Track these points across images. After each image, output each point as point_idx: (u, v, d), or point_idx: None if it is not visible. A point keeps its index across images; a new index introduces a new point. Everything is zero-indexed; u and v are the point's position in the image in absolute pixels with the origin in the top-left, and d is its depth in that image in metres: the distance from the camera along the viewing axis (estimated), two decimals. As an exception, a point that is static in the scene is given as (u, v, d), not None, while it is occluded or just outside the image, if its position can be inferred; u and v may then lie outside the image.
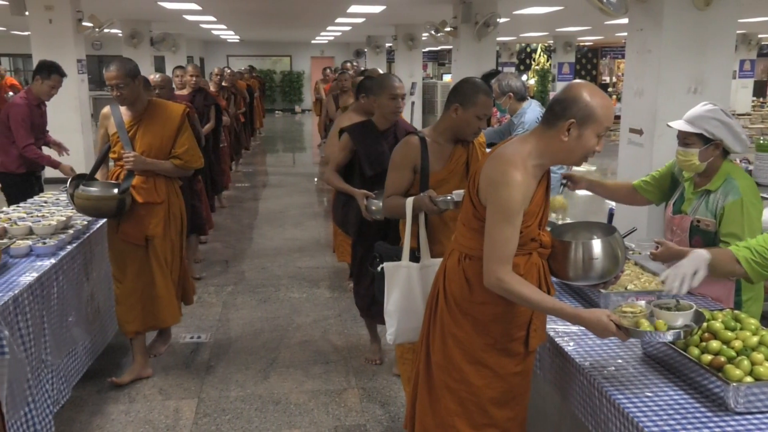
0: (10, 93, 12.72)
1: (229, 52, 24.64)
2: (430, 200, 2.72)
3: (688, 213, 2.73)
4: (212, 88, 8.02)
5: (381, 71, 6.99)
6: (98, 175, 3.82)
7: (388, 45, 18.81)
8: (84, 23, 8.55)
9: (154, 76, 5.32)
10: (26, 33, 11.06)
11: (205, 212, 5.94)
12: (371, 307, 3.80)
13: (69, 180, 3.73)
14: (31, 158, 5.00)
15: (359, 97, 4.44)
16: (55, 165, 5.08)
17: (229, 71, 9.45)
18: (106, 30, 9.42)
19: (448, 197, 2.72)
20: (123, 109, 3.65)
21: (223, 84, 8.70)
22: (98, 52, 19.20)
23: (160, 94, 5.08)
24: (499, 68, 9.77)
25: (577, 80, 2.17)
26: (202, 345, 4.34)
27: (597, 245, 2.13)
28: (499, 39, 15.19)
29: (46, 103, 5.21)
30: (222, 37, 21.15)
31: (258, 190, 9.91)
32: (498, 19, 9.19)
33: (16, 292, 2.82)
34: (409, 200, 2.80)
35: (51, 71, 5.00)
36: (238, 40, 22.96)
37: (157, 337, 4.23)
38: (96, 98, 15.84)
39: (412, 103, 13.84)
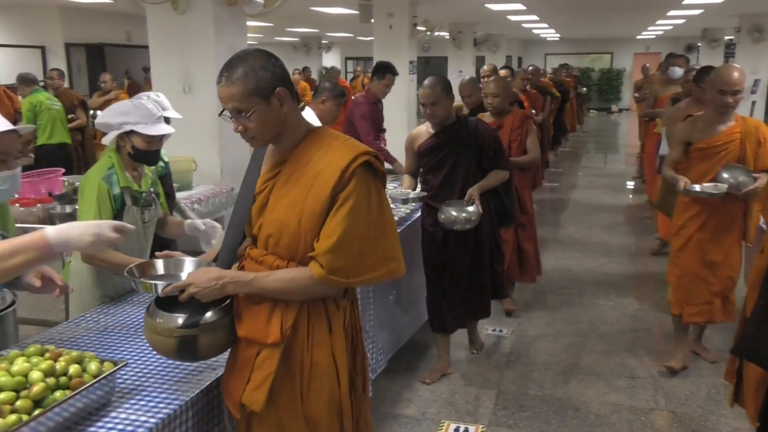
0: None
1: (547, 50, 24.56)
2: None
3: None
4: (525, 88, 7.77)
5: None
6: None
7: (727, 38, 16.84)
8: (418, 27, 9.31)
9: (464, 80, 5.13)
10: (369, 38, 12.44)
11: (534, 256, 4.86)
12: None
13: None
14: None
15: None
16: (392, 161, 5.58)
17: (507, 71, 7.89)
18: (435, 33, 10.15)
19: None
20: (271, 147, 1.92)
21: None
22: (426, 54, 20.76)
23: (493, 103, 4.43)
24: None
25: None
26: (503, 338, 4.42)
27: None
28: None
29: (383, 101, 5.79)
30: (542, 35, 21.17)
31: (567, 191, 9.70)
32: None
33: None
34: None
35: (385, 71, 5.51)
36: (557, 39, 22.74)
37: None
38: (421, 96, 17.21)
39: (753, 103, 12.19)
